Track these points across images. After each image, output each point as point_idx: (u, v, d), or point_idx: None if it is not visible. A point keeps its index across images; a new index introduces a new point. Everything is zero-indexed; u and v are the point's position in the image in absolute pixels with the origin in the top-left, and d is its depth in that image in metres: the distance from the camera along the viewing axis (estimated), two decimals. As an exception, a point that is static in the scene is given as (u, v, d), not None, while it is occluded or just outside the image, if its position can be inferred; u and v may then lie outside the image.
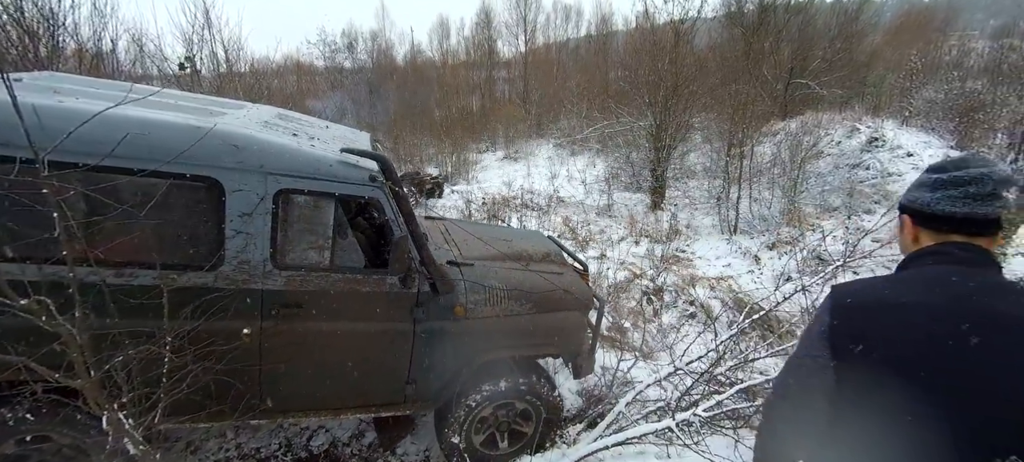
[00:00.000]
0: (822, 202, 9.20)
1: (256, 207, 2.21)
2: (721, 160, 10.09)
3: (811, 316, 1.19)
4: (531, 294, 2.86)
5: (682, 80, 9.91)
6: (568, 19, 30.52)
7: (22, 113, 1.63)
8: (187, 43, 9.24)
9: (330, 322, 2.42)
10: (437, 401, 2.82)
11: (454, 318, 2.65)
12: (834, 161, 10.90)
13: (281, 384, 2.45)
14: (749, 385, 3.27)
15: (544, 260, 3.36)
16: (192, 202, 2.17)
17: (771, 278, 7.04)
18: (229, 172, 2.15)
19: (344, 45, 28.81)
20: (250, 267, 2.24)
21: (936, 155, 10.37)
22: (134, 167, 1.99)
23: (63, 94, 2.18)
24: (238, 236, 2.20)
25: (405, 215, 2.48)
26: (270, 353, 2.36)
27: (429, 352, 2.65)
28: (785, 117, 13.59)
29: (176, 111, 2.31)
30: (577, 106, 16.69)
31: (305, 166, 2.28)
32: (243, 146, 2.17)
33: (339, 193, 2.36)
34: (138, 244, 2.05)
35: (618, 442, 2.98)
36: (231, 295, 2.22)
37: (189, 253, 2.18)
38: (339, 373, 2.53)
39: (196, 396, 2.17)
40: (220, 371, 2.19)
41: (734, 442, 2.92)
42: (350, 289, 2.43)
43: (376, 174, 2.43)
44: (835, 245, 7.27)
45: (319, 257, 2.41)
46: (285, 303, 2.32)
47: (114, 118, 1.91)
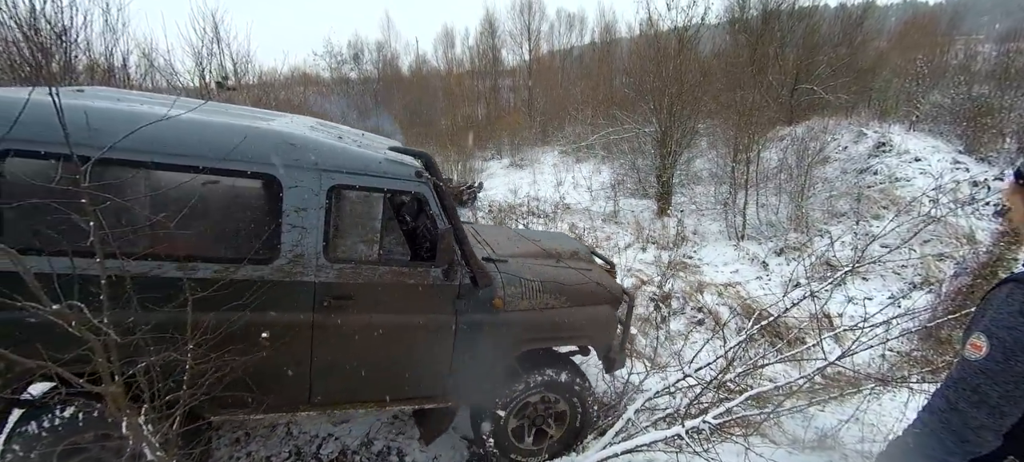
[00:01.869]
0: (830, 207, 9.16)
1: (311, 203, 2.29)
2: (727, 166, 10.08)
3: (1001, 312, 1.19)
4: (564, 287, 2.97)
5: (687, 87, 9.93)
6: (572, 27, 30.69)
7: (109, 116, 1.80)
8: (197, 57, 9.39)
9: (378, 314, 2.51)
10: (478, 392, 2.89)
11: (493, 310, 2.73)
12: (841, 166, 10.85)
13: (330, 376, 2.51)
14: (759, 392, 3.26)
15: (572, 257, 3.45)
16: (251, 198, 2.27)
17: (780, 284, 7.00)
18: (286, 169, 2.24)
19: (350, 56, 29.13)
20: (304, 260, 2.32)
21: (944, 160, 10.31)
22: (199, 165, 2.10)
23: (126, 102, 2.29)
24: (293, 230, 2.29)
25: (448, 210, 2.57)
26: (321, 345, 2.42)
27: (469, 343, 2.72)
28: (791, 123, 13.56)
29: (229, 116, 2.43)
30: (582, 113, 16.73)
31: (356, 164, 2.38)
32: (299, 145, 2.28)
33: (388, 188, 2.47)
34: (200, 239, 2.17)
35: (627, 449, 2.97)
36: (286, 287, 2.30)
37: (247, 247, 2.26)
38: (385, 365, 2.61)
39: (249, 389, 2.28)
40: (273, 363, 2.30)
41: (744, 449, 2.91)
42: (397, 281, 2.52)
43: (421, 170, 2.54)
44: (844, 251, 7.24)
45: (368, 250, 2.50)
46: (336, 295, 2.40)
47: (178, 120, 2.05)
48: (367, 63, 29.52)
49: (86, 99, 2.06)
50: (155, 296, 2.05)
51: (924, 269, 6.93)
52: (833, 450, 3.30)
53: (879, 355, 4.74)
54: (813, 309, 3.58)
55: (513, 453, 3.08)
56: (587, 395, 3.11)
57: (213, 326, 2.09)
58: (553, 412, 3.11)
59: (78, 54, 7.19)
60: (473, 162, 14.86)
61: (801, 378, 3.28)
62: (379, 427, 3.46)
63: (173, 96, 3.03)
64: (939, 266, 6.99)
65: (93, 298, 1.78)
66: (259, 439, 3.24)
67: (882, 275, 6.96)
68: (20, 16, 6.19)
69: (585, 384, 3.11)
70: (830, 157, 11.00)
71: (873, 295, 6.58)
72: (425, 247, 2.92)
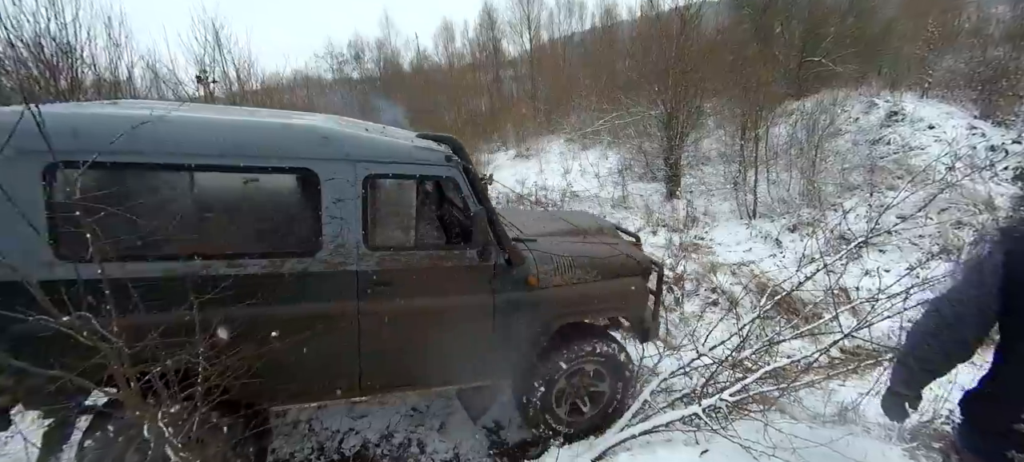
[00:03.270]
0: (842, 181, 9.03)
1: (348, 193, 2.34)
2: (736, 144, 9.96)
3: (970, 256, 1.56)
4: (595, 261, 3.03)
5: (691, 66, 9.81)
6: (571, 13, 30.40)
7: (133, 121, 1.87)
8: (199, 65, 9.47)
9: (418, 298, 2.56)
10: (518, 368, 2.95)
11: (528, 288, 2.78)
12: (853, 138, 10.67)
13: (378, 361, 2.58)
14: (775, 368, 3.23)
15: (598, 234, 3.50)
16: (291, 193, 2.33)
17: (793, 260, 6.93)
18: (322, 162, 2.28)
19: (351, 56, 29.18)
20: (345, 250, 2.38)
21: (959, 126, 10.09)
22: (240, 164, 2.16)
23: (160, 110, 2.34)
24: (333, 222, 2.34)
25: (478, 192, 2.63)
26: (367, 333, 2.49)
27: (507, 321, 2.77)
28: (800, 97, 13.34)
29: (260, 117, 2.47)
30: (586, 100, 16.61)
31: (388, 152, 2.43)
32: (331, 137, 2.32)
33: (420, 174, 2.52)
34: (246, 236, 2.25)
35: (645, 430, 2.98)
36: (330, 277, 2.36)
37: (291, 241, 2.33)
38: (428, 347, 2.67)
39: (303, 378, 2.39)
40: (323, 352, 2.38)
41: (763, 426, 2.89)
42: (434, 265, 2.58)
43: (451, 155, 2.58)
44: (858, 224, 7.13)
45: (405, 236, 2.58)
46: (378, 282, 2.46)
47: (216, 122, 2.16)
48: (368, 62, 29.57)
49: (123, 109, 2.14)
50: (206, 293, 2.09)
51: (942, 238, 6.81)
52: (854, 423, 3.27)
53: (899, 326, 4.68)
54: (828, 283, 3.53)
55: (551, 419, 3.13)
56: (613, 351, 3.14)
57: (262, 320, 2.18)
58: (589, 379, 3.17)
59: (84, 70, 7.28)
60: (478, 155, 14.84)
61: (818, 352, 3.25)
62: (399, 420, 3.50)
63: (202, 104, 3.09)
64: (957, 234, 6.86)
65: (150, 301, 1.89)
66: (282, 436, 3.29)
67: (899, 246, 6.86)
68: (26, 35, 6.27)
69: (624, 355, 3.16)
70: (841, 129, 10.82)
71: (890, 267, 6.48)
72: (454, 231, 2.95)
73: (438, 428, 3.44)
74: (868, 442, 2.94)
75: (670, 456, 2.84)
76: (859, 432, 3.12)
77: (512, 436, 3.43)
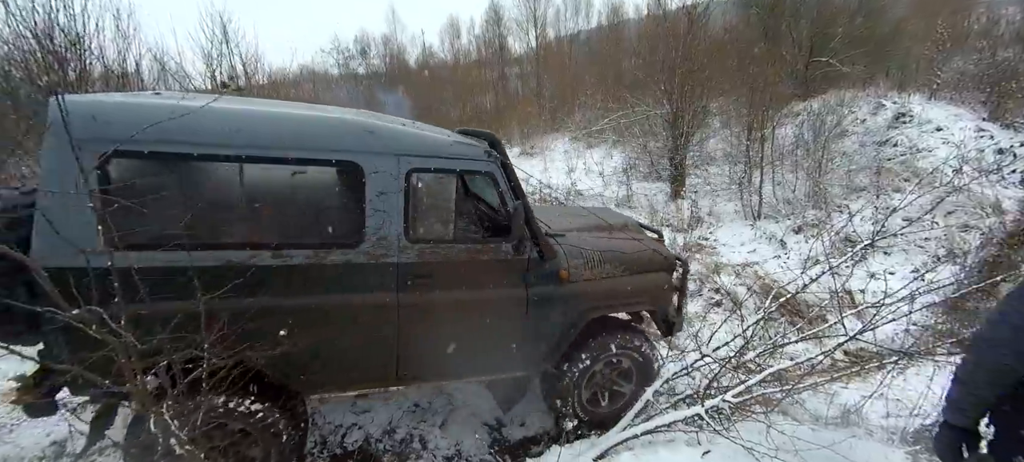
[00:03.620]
0: (849, 182, 8.98)
1: (391, 187, 2.37)
2: (742, 145, 9.92)
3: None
4: (623, 257, 3.10)
5: (697, 65, 9.76)
6: (578, 11, 30.30)
7: (183, 111, 1.94)
8: (207, 59, 9.50)
9: (455, 290, 2.61)
10: (549, 360, 3.00)
11: (559, 282, 2.84)
12: (860, 139, 10.60)
13: (414, 352, 2.62)
14: (779, 369, 3.23)
15: (623, 229, 3.57)
16: (336, 185, 2.37)
17: (798, 262, 6.91)
18: (367, 156, 2.32)
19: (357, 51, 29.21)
20: (387, 243, 2.41)
21: (967, 128, 10.01)
22: (288, 155, 2.19)
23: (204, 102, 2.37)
24: (376, 214, 2.37)
25: (515, 187, 2.67)
26: (405, 323, 2.53)
27: (540, 314, 2.83)
28: (807, 97, 13.25)
29: (301, 110, 2.49)
30: (591, 98, 16.56)
31: (430, 147, 2.47)
32: (376, 132, 2.36)
33: (460, 169, 2.57)
34: (293, 227, 2.28)
35: (647, 430, 2.98)
36: (372, 269, 2.40)
37: (335, 233, 2.37)
38: (463, 339, 2.71)
39: (342, 368, 2.47)
40: (362, 342, 2.46)
41: (766, 427, 2.89)
42: (471, 258, 2.62)
43: (490, 150, 2.64)
44: (864, 226, 7.10)
45: (444, 230, 2.60)
46: (418, 274, 2.50)
47: (265, 115, 2.19)
48: (374, 57, 29.58)
49: (168, 99, 2.17)
50: (250, 284, 2.14)
51: (948, 241, 6.77)
52: (857, 426, 3.26)
53: (903, 329, 4.66)
54: (833, 285, 3.52)
55: (573, 400, 3.18)
56: (639, 343, 3.22)
57: (306, 310, 2.25)
58: (617, 370, 3.25)
59: (92, 61, 7.31)
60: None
61: (822, 354, 3.24)
62: (401, 415, 3.51)
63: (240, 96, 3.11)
64: (964, 237, 6.82)
65: (207, 287, 1.95)
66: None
67: (905, 249, 6.82)
68: (35, 26, 6.30)
69: (630, 336, 3.23)
70: (848, 131, 10.75)
71: (895, 269, 6.45)
72: (485, 225, 3.01)
73: (440, 425, 3.46)
74: (871, 445, 2.94)
75: (672, 456, 2.84)
76: (862, 435, 3.12)
77: (514, 434, 3.44)
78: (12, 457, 2.93)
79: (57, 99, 1.81)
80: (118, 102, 2.05)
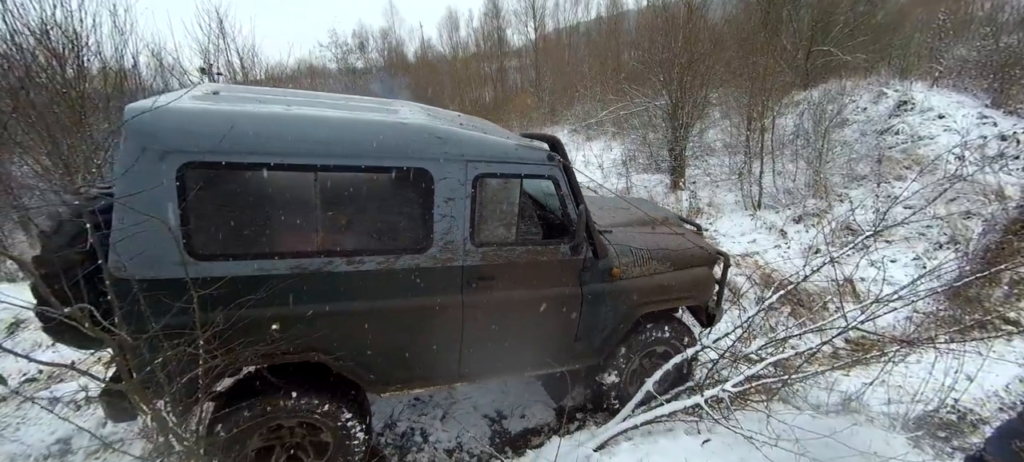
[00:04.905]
0: (849, 171, 8.93)
1: (459, 192, 2.43)
2: (741, 135, 9.86)
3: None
4: (669, 253, 3.20)
5: (697, 56, 9.69)
6: (577, 2, 30.10)
7: (259, 120, 2.00)
8: (204, 54, 9.45)
9: (516, 290, 2.70)
10: (601, 355, 3.11)
11: (611, 279, 2.93)
12: (860, 128, 10.53)
13: (476, 350, 2.72)
14: (779, 359, 3.22)
15: (664, 223, 3.66)
16: (407, 192, 2.38)
17: (799, 252, 6.89)
18: (436, 162, 2.36)
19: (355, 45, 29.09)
20: (453, 247, 2.48)
21: (970, 115, 9.94)
22: (361, 164, 2.22)
23: (265, 102, 2.37)
24: (444, 219, 2.43)
25: (575, 189, 2.73)
26: (469, 323, 2.62)
27: (593, 311, 2.93)
28: (807, 87, 13.17)
29: (359, 110, 2.51)
30: (590, 90, 16.48)
31: (495, 152, 2.51)
32: (446, 138, 2.38)
33: (524, 173, 2.60)
34: (365, 234, 2.34)
35: (647, 420, 2.98)
36: (438, 272, 2.48)
37: (405, 238, 2.43)
38: (522, 336, 2.81)
39: (409, 366, 2.57)
40: (429, 342, 2.55)
41: (765, 416, 2.89)
42: (532, 259, 2.70)
43: (552, 154, 2.68)
44: (865, 215, 7.07)
45: (507, 233, 2.64)
46: (481, 276, 2.58)
47: (335, 121, 2.20)
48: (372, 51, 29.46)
49: (235, 103, 2.20)
50: (327, 289, 2.26)
51: (950, 228, 6.74)
52: (858, 413, 3.26)
53: (904, 317, 4.65)
54: (834, 275, 3.50)
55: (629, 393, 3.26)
56: (683, 334, 3.32)
57: (377, 312, 2.36)
58: (659, 359, 3.30)
59: (90, 58, 7.28)
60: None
61: (822, 343, 3.23)
62: (402, 409, 3.52)
63: (305, 91, 3.16)
64: (966, 224, 6.79)
65: (282, 294, 2.12)
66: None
67: (906, 237, 6.79)
68: (32, 23, 6.28)
69: (674, 328, 3.30)
70: (848, 119, 10.69)
71: (897, 257, 6.43)
72: (539, 225, 3.06)
73: (441, 418, 3.46)
74: (872, 431, 2.93)
75: (672, 445, 2.84)
76: (863, 422, 3.11)
77: (514, 426, 3.44)
78: (18, 455, 2.94)
79: (136, 110, 1.86)
80: (192, 110, 2.04)
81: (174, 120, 1.96)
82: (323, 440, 2.55)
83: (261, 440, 2.45)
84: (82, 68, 7.06)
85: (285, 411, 2.39)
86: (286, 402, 2.37)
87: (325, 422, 2.49)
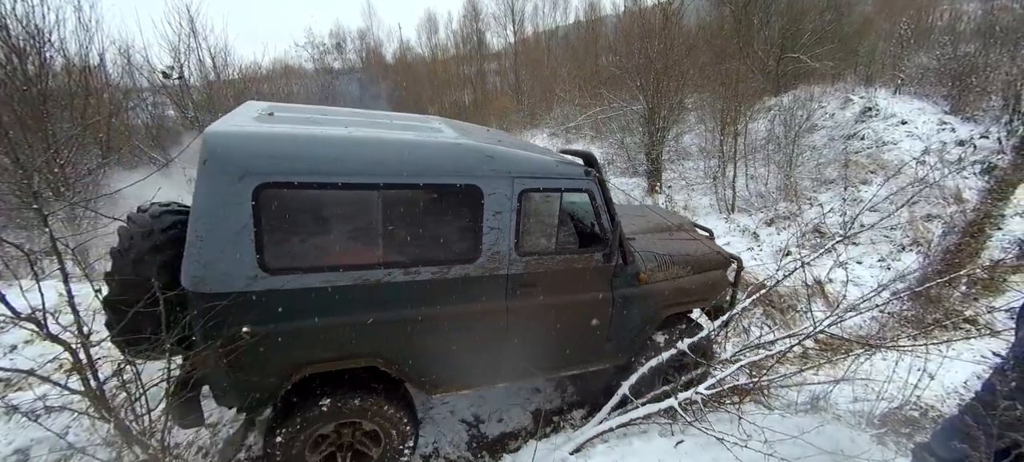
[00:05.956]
0: (818, 175, 9.21)
1: (505, 206, 2.59)
2: (716, 140, 10.08)
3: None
4: (689, 258, 3.38)
5: (673, 61, 9.87)
6: (556, 7, 30.32)
7: (328, 143, 2.19)
8: (174, 52, 9.20)
9: (554, 296, 2.84)
10: (629, 354, 3.25)
11: (638, 284, 3.09)
12: (828, 133, 10.89)
13: (517, 352, 2.87)
14: (751, 360, 3.29)
15: (680, 229, 3.86)
16: (459, 206, 2.54)
17: (771, 254, 7.07)
18: (486, 179, 2.52)
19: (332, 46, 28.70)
20: (499, 256, 2.64)
21: (930, 121, 10.37)
22: (419, 182, 2.37)
23: (320, 122, 2.55)
24: (492, 231, 2.59)
25: (609, 201, 2.90)
26: (513, 327, 2.77)
27: (622, 314, 3.08)
28: (778, 93, 13.55)
29: (411, 130, 2.70)
30: (569, 94, 16.62)
31: (538, 168, 2.67)
32: (494, 156, 2.55)
33: (564, 187, 2.76)
34: (421, 246, 2.47)
35: (622, 423, 3.01)
36: (486, 281, 2.63)
37: (457, 249, 2.57)
38: (559, 338, 2.97)
39: (457, 368, 2.72)
40: (476, 345, 2.71)
41: (737, 418, 2.95)
42: (568, 267, 2.86)
43: (589, 169, 2.85)
44: (833, 217, 7.30)
45: (548, 243, 2.80)
46: (524, 283, 2.74)
47: (396, 143, 2.38)
48: (350, 52, 29.11)
49: (293, 124, 2.36)
50: (386, 298, 2.42)
51: (913, 231, 7.00)
52: (825, 412, 3.35)
53: (870, 317, 4.81)
54: (804, 277, 3.60)
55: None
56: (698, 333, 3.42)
57: (431, 318, 2.52)
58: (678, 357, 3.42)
59: (52, 54, 7.02)
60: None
61: (793, 345, 3.32)
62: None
63: (348, 109, 3.32)
64: (927, 226, 7.07)
65: (353, 306, 2.31)
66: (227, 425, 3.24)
67: (871, 239, 7.04)
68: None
69: (689, 328, 3.46)
70: (817, 125, 11.03)
71: (862, 258, 6.65)
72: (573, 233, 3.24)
73: (417, 423, 3.43)
74: (838, 430, 3.01)
75: (646, 447, 2.88)
76: (830, 420, 3.20)
77: (491, 430, 3.44)
78: (-26, 466, 2.81)
79: (216, 134, 2.02)
80: (269, 134, 2.18)
81: (252, 144, 2.10)
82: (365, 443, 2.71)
83: (317, 453, 2.60)
84: (44, 65, 6.81)
85: (356, 410, 2.56)
86: (355, 402, 2.56)
87: (383, 423, 2.65)
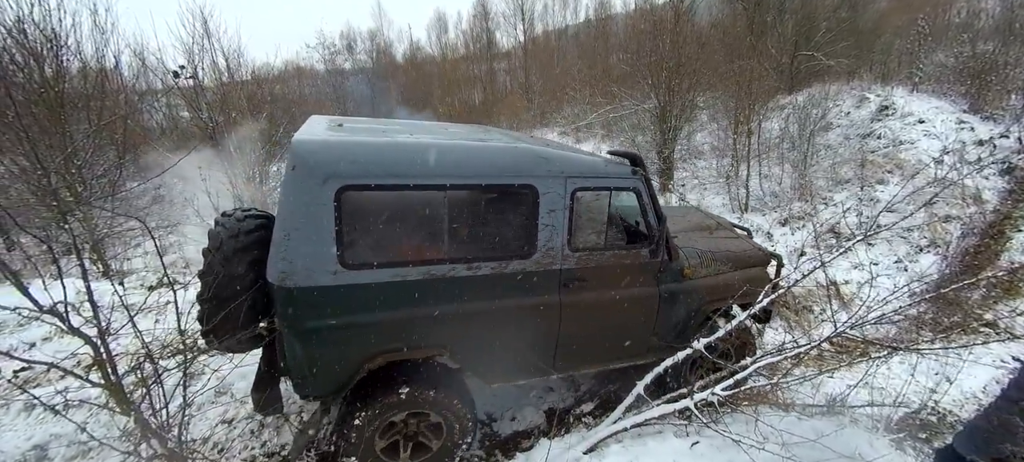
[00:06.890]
0: (833, 175, 9.08)
1: (559, 204, 2.71)
2: (728, 138, 9.98)
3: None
4: (730, 255, 3.49)
5: (685, 59, 9.79)
6: (566, 6, 30.24)
7: (400, 149, 2.35)
8: (188, 54, 9.30)
9: (604, 290, 2.95)
10: (673, 348, 3.30)
11: (682, 279, 3.21)
12: (844, 132, 10.74)
13: (569, 345, 2.98)
14: (768, 362, 3.25)
15: (719, 228, 4.00)
16: (517, 205, 2.68)
17: (785, 254, 6.98)
18: (541, 179, 2.66)
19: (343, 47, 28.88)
20: (553, 252, 2.76)
21: (948, 120, 10.18)
22: (482, 183, 2.53)
23: (388, 133, 2.72)
24: (546, 228, 2.71)
25: (655, 200, 2.99)
26: (565, 320, 2.89)
27: (668, 308, 3.20)
28: (792, 91, 13.39)
29: (469, 137, 2.85)
30: (579, 92, 16.57)
31: (589, 169, 2.79)
32: (549, 158, 2.69)
33: (612, 186, 2.87)
34: (482, 243, 2.64)
35: (636, 423, 2.99)
36: (540, 275, 2.75)
37: (514, 246, 2.70)
38: (608, 332, 3.09)
39: (512, 359, 2.85)
40: (531, 337, 2.83)
41: (754, 419, 2.91)
42: (617, 262, 2.97)
43: (636, 169, 2.94)
44: (849, 217, 7.19)
45: (598, 239, 2.93)
46: (576, 278, 2.85)
47: (460, 147, 2.53)
48: (361, 53, 29.27)
49: (361, 134, 2.55)
50: (450, 292, 2.55)
51: (930, 232, 6.88)
52: (842, 414, 3.30)
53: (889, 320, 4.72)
54: (821, 279, 3.55)
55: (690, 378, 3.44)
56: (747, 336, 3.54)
57: (489, 311, 2.65)
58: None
59: (69, 57, 7.13)
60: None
61: (811, 346, 3.27)
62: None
63: (405, 120, 3.59)
64: (945, 228, 6.94)
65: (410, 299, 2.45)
66: (272, 428, 3.27)
67: (888, 240, 6.93)
68: (7, 21, 6.12)
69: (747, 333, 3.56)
70: (832, 124, 10.88)
71: (879, 260, 6.55)
72: (622, 231, 3.34)
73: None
74: (856, 434, 2.97)
75: (660, 448, 2.86)
76: (847, 424, 3.15)
77: (504, 429, 3.43)
78: (-8, 463, 2.86)
79: (303, 142, 2.23)
80: (350, 142, 2.36)
81: (335, 151, 2.28)
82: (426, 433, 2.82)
83: (384, 439, 2.72)
84: (61, 68, 6.91)
85: (429, 401, 2.68)
86: (430, 393, 2.68)
87: (449, 416, 2.76)
